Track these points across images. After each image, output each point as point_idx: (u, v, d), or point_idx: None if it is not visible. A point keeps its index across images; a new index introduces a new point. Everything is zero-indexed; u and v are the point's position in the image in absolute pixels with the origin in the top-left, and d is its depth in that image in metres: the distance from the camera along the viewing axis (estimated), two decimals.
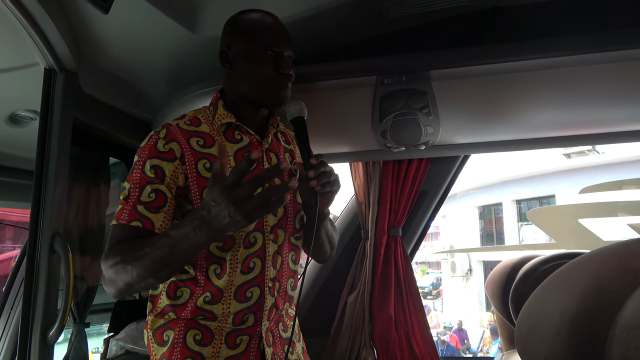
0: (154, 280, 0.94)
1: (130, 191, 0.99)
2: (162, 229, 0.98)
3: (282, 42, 1.07)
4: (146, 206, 0.98)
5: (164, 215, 0.99)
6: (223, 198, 0.81)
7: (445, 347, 8.78)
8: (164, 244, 0.89)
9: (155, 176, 0.99)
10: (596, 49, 1.20)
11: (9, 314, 1.96)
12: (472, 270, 14.15)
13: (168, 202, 1.00)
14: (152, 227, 0.97)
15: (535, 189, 11.98)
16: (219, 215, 0.82)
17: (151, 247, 0.90)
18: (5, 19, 1.11)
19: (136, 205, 0.98)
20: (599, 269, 0.42)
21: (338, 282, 1.83)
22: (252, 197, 0.81)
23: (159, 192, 0.99)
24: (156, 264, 0.90)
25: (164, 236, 0.90)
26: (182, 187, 1.02)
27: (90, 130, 1.52)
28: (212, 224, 0.84)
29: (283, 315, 1.17)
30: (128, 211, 0.98)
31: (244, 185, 0.80)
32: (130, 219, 0.97)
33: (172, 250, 0.89)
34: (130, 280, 0.92)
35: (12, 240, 10.21)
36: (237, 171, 0.80)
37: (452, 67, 1.30)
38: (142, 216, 0.97)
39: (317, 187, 1.03)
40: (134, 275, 0.91)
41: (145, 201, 0.98)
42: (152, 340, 1.07)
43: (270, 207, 0.83)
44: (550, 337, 0.42)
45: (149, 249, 0.90)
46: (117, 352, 1.67)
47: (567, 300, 0.42)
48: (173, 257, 0.90)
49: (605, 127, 1.44)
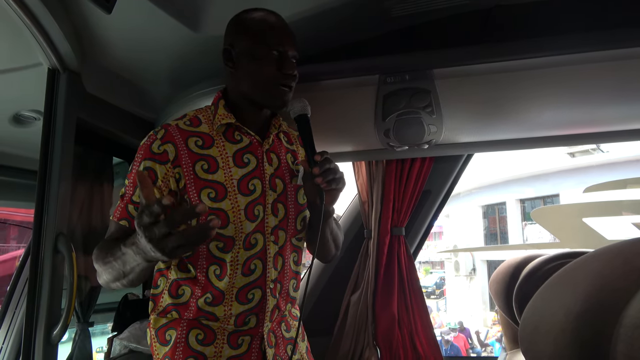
0: (122, 285, 0.98)
1: (126, 189, 1.02)
2: None
3: (286, 42, 1.06)
4: (135, 206, 1.00)
5: None
6: (141, 233, 0.79)
7: (449, 347, 8.74)
8: (118, 257, 0.92)
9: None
10: (599, 47, 1.20)
11: (13, 313, 1.97)
12: (476, 270, 14.12)
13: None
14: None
15: (539, 188, 11.94)
16: (145, 247, 0.81)
17: (113, 256, 0.93)
18: (9, 19, 1.12)
19: (128, 204, 1.01)
20: (604, 268, 0.41)
21: (341, 282, 1.82)
22: (168, 237, 0.78)
23: None
24: (115, 273, 0.94)
25: (119, 249, 0.91)
26: (174, 190, 1.02)
27: (94, 130, 1.53)
28: (145, 251, 0.83)
29: (286, 315, 1.16)
30: (121, 209, 1.01)
31: (158, 225, 0.77)
32: (120, 217, 1.01)
33: (124, 265, 0.92)
34: (104, 281, 0.99)
35: (16, 240, 10.25)
36: (149, 212, 0.76)
37: (455, 65, 1.29)
38: (131, 216, 1.00)
39: (322, 184, 1.02)
40: (105, 278, 0.98)
41: (136, 201, 1.00)
42: (154, 340, 1.07)
43: (189, 246, 0.80)
44: (554, 337, 0.41)
45: (112, 258, 0.93)
46: (120, 351, 1.68)
47: (571, 299, 0.41)
48: (126, 270, 0.93)
49: (609, 125, 1.43)
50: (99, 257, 0.97)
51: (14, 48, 1.31)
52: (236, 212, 1.03)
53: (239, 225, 1.03)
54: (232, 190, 1.03)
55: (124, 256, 0.90)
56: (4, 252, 8.58)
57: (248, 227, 1.04)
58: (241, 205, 1.03)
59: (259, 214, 1.06)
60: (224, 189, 1.03)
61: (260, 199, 1.06)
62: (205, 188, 1.02)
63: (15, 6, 1.07)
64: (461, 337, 9.39)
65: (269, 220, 1.08)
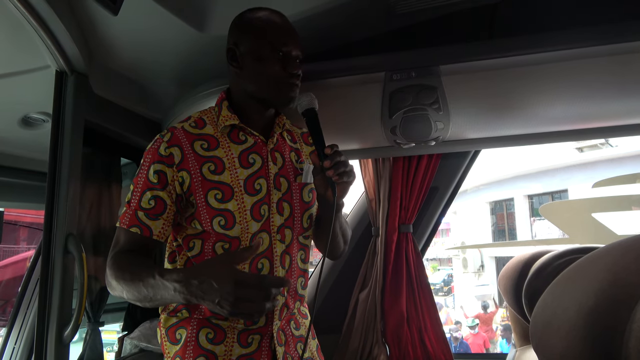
0: (141, 304, 0.98)
1: (133, 195, 1.02)
2: (160, 235, 1.02)
3: (290, 42, 1.06)
4: (146, 213, 1.01)
5: (162, 222, 1.02)
6: (228, 288, 0.82)
7: (459, 344, 8.69)
8: (149, 284, 0.92)
9: (158, 182, 1.01)
10: (607, 41, 1.18)
11: (25, 314, 1.99)
12: (484, 267, 14.06)
13: (167, 209, 1.02)
14: (149, 234, 1.01)
15: (547, 184, 11.86)
16: (209, 294, 0.84)
17: (142, 281, 0.93)
18: (17, 22, 1.13)
19: (137, 210, 1.01)
20: (615, 263, 0.41)
21: (349, 280, 1.82)
22: (251, 302, 0.83)
23: (158, 199, 1.01)
24: (141, 297, 0.95)
25: (152, 277, 0.92)
26: (179, 193, 1.03)
27: (102, 131, 1.54)
28: (195, 295, 0.86)
29: (295, 313, 1.17)
30: (129, 216, 1.01)
31: (257, 291, 0.84)
32: (130, 224, 1.01)
33: (155, 293, 0.92)
34: (123, 296, 0.98)
35: (26, 242, 10.35)
36: (263, 280, 0.84)
37: (461, 61, 1.28)
38: (142, 223, 1.00)
39: (334, 177, 1.02)
40: (124, 295, 0.98)
41: (145, 207, 1.01)
42: (165, 339, 1.08)
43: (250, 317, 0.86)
44: (566, 332, 0.41)
45: (139, 281, 0.94)
46: (131, 350, 1.69)
47: (583, 294, 0.41)
48: (155, 298, 0.94)
49: (618, 119, 1.42)
50: (118, 275, 0.97)
51: (22, 51, 1.32)
52: (242, 213, 1.03)
53: (244, 226, 1.03)
54: (238, 191, 1.04)
55: (158, 288, 0.91)
56: (14, 254, 8.67)
57: (254, 226, 1.04)
58: (247, 206, 1.04)
59: (264, 214, 1.06)
60: (230, 190, 1.03)
61: (265, 198, 1.07)
62: (212, 189, 1.02)
63: (22, 9, 1.07)
64: (481, 335, 9.20)
65: (275, 219, 1.08)
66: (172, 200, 1.02)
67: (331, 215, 1.06)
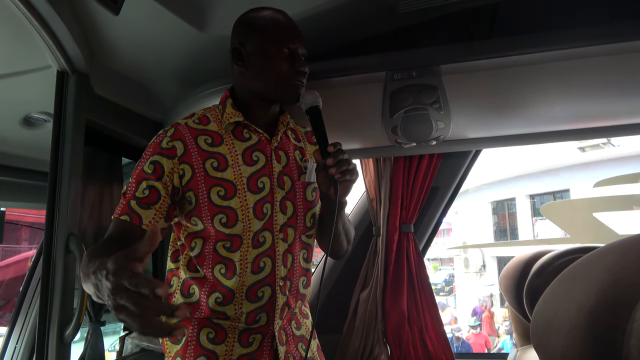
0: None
1: (129, 186, 1.01)
2: (150, 225, 0.98)
3: (296, 40, 1.07)
4: (138, 201, 0.98)
5: (154, 212, 0.99)
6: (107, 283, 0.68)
7: (460, 344, 8.68)
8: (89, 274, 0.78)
9: (153, 172, 1.00)
10: (608, 40, 1.18)
11: (26, 314, 1.99)
12: (486, 266, 14.05)
13: (161, 200, 1.00)
14: (139, 223, 0.97)
15: (549, 183, 11.84)
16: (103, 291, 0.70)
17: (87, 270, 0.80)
18: (19, 22, 1.13)
19: (130, 200, 0.99)
20: (616, 263, 0.41)
21: (350, 279, 1.82)
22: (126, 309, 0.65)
23: (153, 189, 0.99)
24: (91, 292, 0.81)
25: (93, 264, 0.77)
26: (177, 187, 1.02)
27: (103, 131, 1.54)
28: (98, 287, 0.72)
29: (296, 313, 1.17)
30: (123, 205, 0.99)
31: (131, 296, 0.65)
32: (121, 212, 0.98)
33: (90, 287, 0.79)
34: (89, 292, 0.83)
35: (28, 241, 10.38)
36: (146, 282, 0.64)
37: (462, 61, 1.28)
38: (132, 211, 0.97)
39: (336, 175, 1.01)
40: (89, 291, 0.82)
41: (139, 197, 0.99)
42: (166, 338, 1.08)
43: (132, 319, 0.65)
44: (566, 332, 0.41)
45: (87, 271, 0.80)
46: (132, 350, 1.69)
47: (583, 293, 0.41)
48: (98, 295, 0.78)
49: (620, 119, 1.42)
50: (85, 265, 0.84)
51: (23, 51, 1.32)
52: (245, 210, 1.03)
53: (247, 224, 1.03)
54: (241, 189, 1.04)
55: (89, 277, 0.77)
56: (16, 253, 8.68)
57: (256, 225, 1.04)
58: (250, 204, 1.04)
59: (267, 212, 1.06)
60: (233, 187, 1.03)
61: (268, 196, 1.06)
62: (214, 186, 1.02)
63: (24, 9, 1.08)
64: (483, 335, 9.19)
65: (278, 217, 1.08)
66: (167, 192, 1.00)
67: (333, 213, 1.06)
